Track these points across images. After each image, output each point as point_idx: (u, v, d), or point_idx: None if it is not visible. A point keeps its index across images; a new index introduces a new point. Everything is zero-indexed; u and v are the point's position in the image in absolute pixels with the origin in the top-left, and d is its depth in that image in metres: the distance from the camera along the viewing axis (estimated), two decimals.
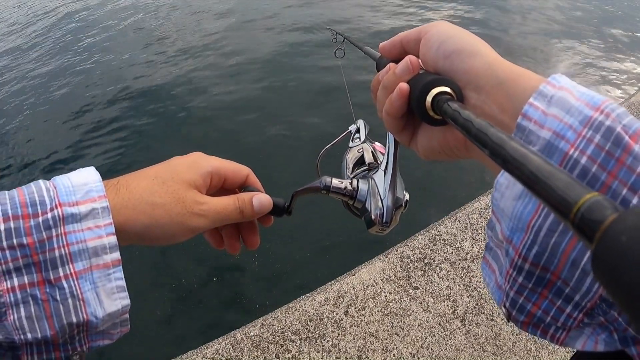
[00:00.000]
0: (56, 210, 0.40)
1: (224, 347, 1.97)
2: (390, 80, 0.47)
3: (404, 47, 0.52)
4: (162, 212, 0.47)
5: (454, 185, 3.47)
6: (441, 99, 0.40)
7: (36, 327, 0.40)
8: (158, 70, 5.42)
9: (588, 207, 0.20)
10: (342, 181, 0.64)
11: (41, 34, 7.41)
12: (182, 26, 6.59)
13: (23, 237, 0.39)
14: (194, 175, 0.50)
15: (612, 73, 4.77)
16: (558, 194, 0.22)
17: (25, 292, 0.39)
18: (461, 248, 2.32)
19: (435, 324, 2.03)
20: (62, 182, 0.43)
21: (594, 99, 0.32)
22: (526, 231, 0.33)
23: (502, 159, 0.27)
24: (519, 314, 0.37)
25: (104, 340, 0.46)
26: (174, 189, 0.48)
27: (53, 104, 5.24)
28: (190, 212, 0.48)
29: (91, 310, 0.41)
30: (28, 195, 0.41)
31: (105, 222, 0.42)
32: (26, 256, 0.39)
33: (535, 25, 5.73)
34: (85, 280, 0.41)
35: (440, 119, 0.42)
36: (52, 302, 0.40)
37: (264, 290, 2.83)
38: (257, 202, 0.54)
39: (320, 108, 4.24)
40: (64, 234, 0.40)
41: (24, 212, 0.39)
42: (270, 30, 5.96)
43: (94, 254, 0.41)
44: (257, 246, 0.59)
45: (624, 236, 0.18)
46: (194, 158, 0.53)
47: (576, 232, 0.21)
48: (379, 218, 0.62)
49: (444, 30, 0.46)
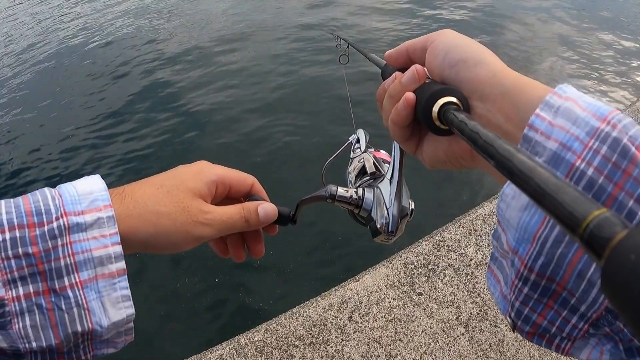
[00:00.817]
0: (62, 219, 0.40)
1: (227, 352, 1.98)
2: (396, 90, 0.47)
3: (409, 55, 0.52)
4: (167, 221, 0.47)
5: (458, 191, 3.46)
6: (448, 109, 0.40)
7: (41, 336, 0.40)
8: (163, 75, 5.44)
9: (597, 223, 0.20)
10: (348, 190, 0.64)
11: (50, 36, 7.44)
12: (182, 31, 6.60)
13: (28, 246, 0.39)
14: (199, 184, 0.50)
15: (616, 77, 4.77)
16: (566, 209, 0.22)
17: (30, 301, 0.39)
18: (465, 254, 2.31)
19: (438, 330, 2.02)
20: (67, 190, 0.43)
21: (600, 110, 0.32)
22: (532, 242, 0.33)
23: (509, 171, 0.27)
24: (524, 324, 0.37)
25: (108, 349, 0.46)
26: (180, 198, 0.48)
27: (56, 109, 5.26)
28: (196, 221, 0.48)
29: (96, 320, 0.42)
30: (33, 203, 0.41)
31: (110, 232, 0.42)
32: (31, 265, 0.39)
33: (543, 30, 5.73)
34: (90, 289, 0.41)
35: (447, 129, 0.42)
36: (57, 311, 0.40)
37: (268, 296, 2.83)
38: (262, 211, 0.54)
39: (322, 115, 4.24)
40: (69, 243, 0.40)
41: (29, 221, 0.40)
42: (275, 35, 5.97)
43: (99, 264, 0.41)
44: (262, 255, 0.59)
45: (632, 254, 0.18)
46: (200, 167, 0.53)
47: (585, 247, 0.21)
48: (384, 227, 0.62)
49: (449, 39, 0.46)
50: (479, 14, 6.19)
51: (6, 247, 0.38)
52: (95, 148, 4.43)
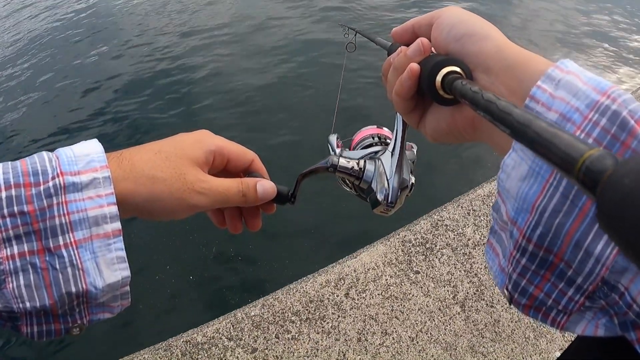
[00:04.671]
0: (58, 179, 0.40)
1: (224, 326, 1.99)
2: (401, 62, 0.48)
3: (415, 31, 0.52)
4: (162, 187, 0.46)
5: (458, 171, 3.46)
6: (451, 78, 0.41)
7: (35, 296, 0.40)
8: (162, 61, 5.35)
9: (591, 160, 0.21)
10: (350, 160, 0.65)
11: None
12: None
13: (24, 204, 0.39)
14: (197, 152, 0.50)
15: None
16: (562, 150, 0.23)
17: (24, 260, 0.39)
18: (463, 234, 2.32)
19: (435, 309, 2.04)
20: (64, 152, 0.43)
21: (601, 84, 0.32)
22: (531, 212, 0.33)
23: (509, 125, 0.28)
24: (520, 296, 0.37)
25: (105, 314, 0.46)
26: (176, 164, 0.48)
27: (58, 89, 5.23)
28: (191, 189, 0.48)
29: (90, 280, 0.41)
30: (30, 164, 0.41)
31: (106, 192, 0.42)
32: (26, 224, 0.39)
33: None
34: (85, 249, 0.41)
35: (451, 98, 0.43)
36: (51, 270, 0.40)
37: (265, 271, 2.85)
38: (261, 187, 0.54)
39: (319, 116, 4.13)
40: (64, 202, 0.40)
41: (25, 181, 0.40)
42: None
43: (94, 223, 0.41)
44: (258, 228, 0.59)
45: (626, 179, 0.18)
46: (200, 135, 0.53)
47: (581, 186, 0.22)
48: (384, 198, 0.62)
49: (455, 14, 0.47)
50: None
51: (1, 205, 0.38)
52: (93, 118, 4.43)
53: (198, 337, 1.96)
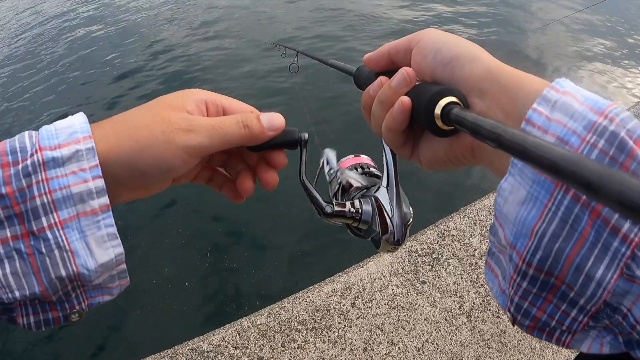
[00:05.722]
0: (36, 155, 0.37)
1: (230, 335, 2.00)
2: (387, 95, 0.45)
3: (392, 57, 0.50)
4: (145, 132, 0.42)
5: (464, 182, 3.45)
6: (449, 109, 0.39)
7: (23, 284, 0.37)
8: None
9: None
10: (345, 204, 0.61)
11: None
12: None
13: (1, 186, 0.36)
14: (186, 100, 0.46)
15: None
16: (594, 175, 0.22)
17: (8, 246, 0.37)
18: (469, 244, 2.31)
19: (441, 319, 2.03)
20: (46, 128, 0.40)
21: (598, 104, 0.32)
22: (530, 237, 0.33)
23: (523, 156, 0.28)
24: (524, 318, 0.37)
25: (104, 296, 0.43)
26: (159, 110, 0.44)
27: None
28: (178, 128, 0.43)
29: (81, 262, 0.38)
30: (9, 144, 0.38)
31: (90, 165, 0.39)
32: (7, 207, 0.36)
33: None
34: (71, 229, 0.38)
35: (450, 129, 0.41)
36: (37, 255, 0.37)
37: (271, 280, 2.85)
38: (265, 117, 0.47)
39: None
40: (45, 180, 0.37)
41: (3, 161, 0.37)
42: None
43: (79, 200, 0.38)
44: (275, 184, 0.52)
45: None
46: (190, 90, 0.48)
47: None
48: (390, 237, 0.59)
49: (437, 37, 0.45)
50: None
51: None
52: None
53: (204, 345, 1.96)
